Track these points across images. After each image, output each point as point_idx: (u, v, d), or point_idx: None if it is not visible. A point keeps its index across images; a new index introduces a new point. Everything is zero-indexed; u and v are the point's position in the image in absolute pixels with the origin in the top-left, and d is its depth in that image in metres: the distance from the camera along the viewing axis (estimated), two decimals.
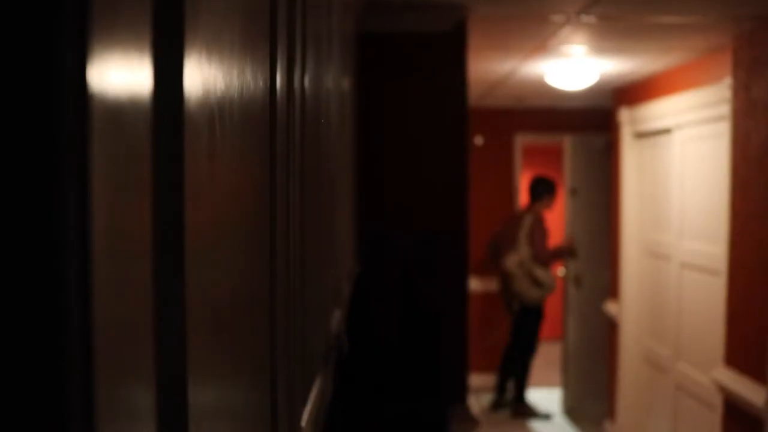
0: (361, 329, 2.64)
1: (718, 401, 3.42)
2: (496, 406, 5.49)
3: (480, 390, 5.56)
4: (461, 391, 2.73)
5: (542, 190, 5.21)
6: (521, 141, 5.95)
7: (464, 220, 2.63)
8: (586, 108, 5.77)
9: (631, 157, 4.65)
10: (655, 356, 4.40)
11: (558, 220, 6.04)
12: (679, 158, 4.02)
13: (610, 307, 4.87)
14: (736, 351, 3.17)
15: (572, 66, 3.83)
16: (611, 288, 4.93)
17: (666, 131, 4.18)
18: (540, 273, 5.06)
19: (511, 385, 5.52)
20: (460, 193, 2.63)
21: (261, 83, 0.59)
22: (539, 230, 5.11)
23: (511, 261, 5.07)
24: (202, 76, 0.38)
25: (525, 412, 5.45)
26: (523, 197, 5.95)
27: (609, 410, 4.98)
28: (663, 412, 4.26)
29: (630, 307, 4.64)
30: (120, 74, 0.26)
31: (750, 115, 3.03)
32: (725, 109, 3.35)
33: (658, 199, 4.35)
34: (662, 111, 4.13)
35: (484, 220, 5.73)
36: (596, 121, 5.70)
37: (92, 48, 0.22)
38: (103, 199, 0.23)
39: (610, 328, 4.95)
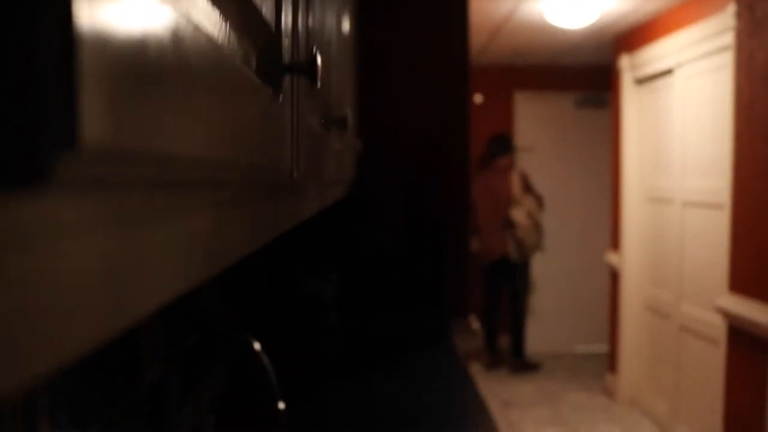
0: (363, 241, 2.60)
1: (721, 336, 3.39)
2: (492, 365, 5.47)
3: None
4: (462, 305, 2.69)
5: (506, 145, 5.42)
6: (521, 99, 5.90)
7: (466, 130, 2.59)
8: (585, 65, 5.74)
9: (631, 105, 4.61)
10: (657, 303, 4.36)
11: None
12: (680, 97, 3.99)
13: (611, 258, 4.84)
14: (740, 275, 3.14)
15: (572, 2, 3.79)
16: (612, 238, 4.90)
17: (667, 72, 4.14)
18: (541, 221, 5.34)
19: (504, 341, 5.61)
20: (463, 102, 2.58)
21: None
22: (529, 180, 5.38)
23: (520, 214, 5.21)
24: None
25: (527, 366, 5.45)
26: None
27: (610, 362, 4.95)
28: (666, 357, 4.23)
29: (631, 256, 4.60)
30: None
31: (754, 35, 2.99)
32: (728, 38, 3.31)
33: (659, 143, 4.32)
34: (663, 51, 4.09)
35: None
36: (595, 78, 5.68)
37: None
38: None
39: (611, 279, 4.91)
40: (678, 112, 4.02)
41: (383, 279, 2.60)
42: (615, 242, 4.81)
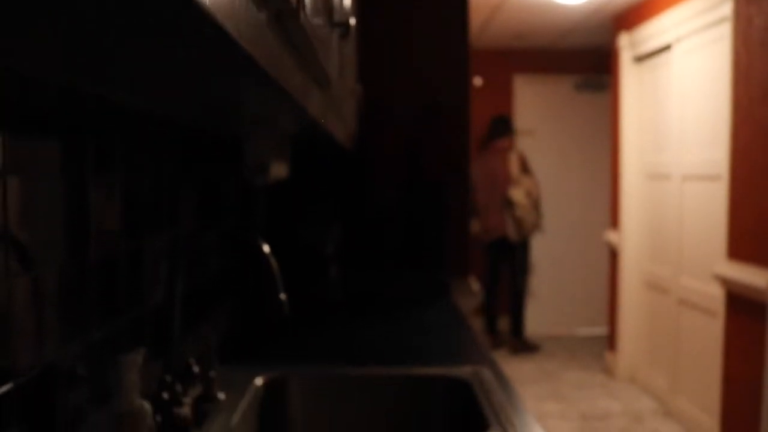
0: (364, 200, 2.62)
1: (719, 307, 3.41)
2: (492, 345, 5.50)
3: None
4: (462, 265, 2.70)
5: (506, 127, 5.40)
6: (520, 82, 5.93)
7: (467, 87, 2.61)
8: (584, 48, 5.76)
9: (630, 83, 4.63)
10: (656, 279, 4.38)
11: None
12: (678, 72, 4.01)
13: (610, 236, 4.86)
14: (738, 242, 3.16)
15: None
16: (611, 217, 4.92)
17: (666, 48, 4.16)
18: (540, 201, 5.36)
19: (504, 323, 5.65)
20: (463, 55, 2.60)
21: None
22: (527, 162, 5.37)
23: (519, 193, 5.21)
24: None
25: (526, 346, 5.47)
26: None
27: (609, 341, 4.97)
28: (665, 332, 4.25)
29: (630, 234, 4.63)
30: None
31: (753, 2, 3.01)
32: (726, 9, 3.33)
33: (658, 119, 4.34)
34: (662, 27, 4.11)
35: None
36: (595, 61, 5.71)
37: None
38: None
39: (610, 257, 4.94)
40: (676, 87, 4.04)
41: (384, 238, 2.62)
42: (614, 221, 4.83)
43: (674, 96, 4.08)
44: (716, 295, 3.48)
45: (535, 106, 5.96)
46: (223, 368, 1.59)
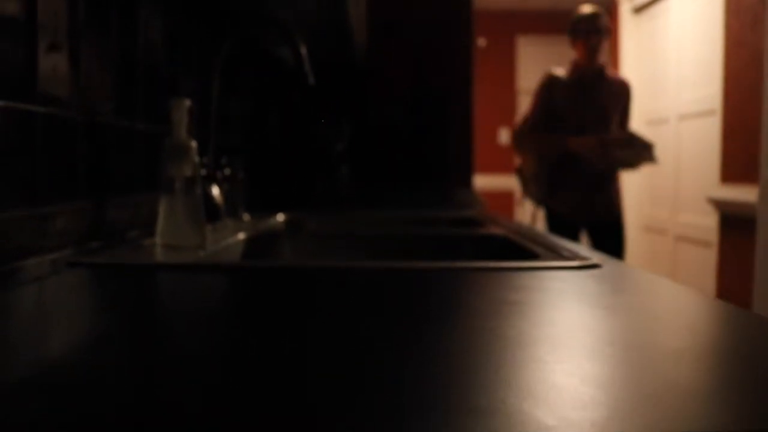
0: (372, 113, 2.76)
1: (714, 236, 3.55)
2: None
3: None
4: (466, 180, 2.84)
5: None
6: (523, 43, 6.06)
7: (470, 3, 2.75)
8: None
9: (629, 35, 4.77)
10: (654, 221, 4.52)
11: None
12: (676, 17, 4.14)
13: None
14: (730, 165, 3.30)
15: None
16: None
17: None
18: None
19: None
20: None
21: None
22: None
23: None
24: None
25: None
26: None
27: None
28: (663, 271, 4.39)
29: (630, 182, 4.76)
30: None
31: None
32: None
33: (656, 67, 4.48)
34: None
35: (485, 124, 5.89)
36: None
37: None
38: None
39: None
40: (674, 33, 4.18)
41: (389, 150, 2.76)
42: None
43: (672, 41, 4.21)
44: (711, 224, 3.61)
45: (537, 68, 6.10)
46: (248, 212, 1.74)
